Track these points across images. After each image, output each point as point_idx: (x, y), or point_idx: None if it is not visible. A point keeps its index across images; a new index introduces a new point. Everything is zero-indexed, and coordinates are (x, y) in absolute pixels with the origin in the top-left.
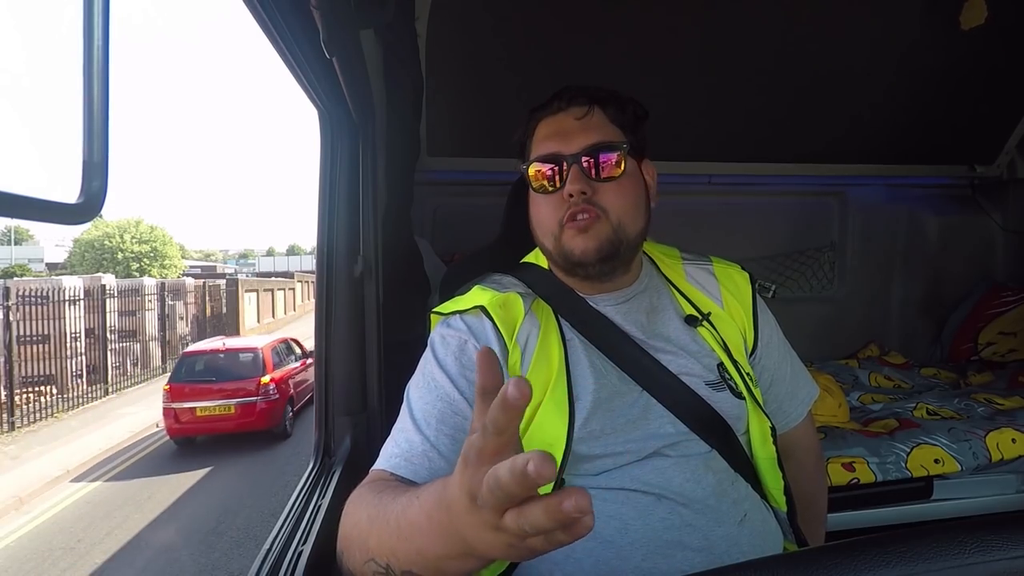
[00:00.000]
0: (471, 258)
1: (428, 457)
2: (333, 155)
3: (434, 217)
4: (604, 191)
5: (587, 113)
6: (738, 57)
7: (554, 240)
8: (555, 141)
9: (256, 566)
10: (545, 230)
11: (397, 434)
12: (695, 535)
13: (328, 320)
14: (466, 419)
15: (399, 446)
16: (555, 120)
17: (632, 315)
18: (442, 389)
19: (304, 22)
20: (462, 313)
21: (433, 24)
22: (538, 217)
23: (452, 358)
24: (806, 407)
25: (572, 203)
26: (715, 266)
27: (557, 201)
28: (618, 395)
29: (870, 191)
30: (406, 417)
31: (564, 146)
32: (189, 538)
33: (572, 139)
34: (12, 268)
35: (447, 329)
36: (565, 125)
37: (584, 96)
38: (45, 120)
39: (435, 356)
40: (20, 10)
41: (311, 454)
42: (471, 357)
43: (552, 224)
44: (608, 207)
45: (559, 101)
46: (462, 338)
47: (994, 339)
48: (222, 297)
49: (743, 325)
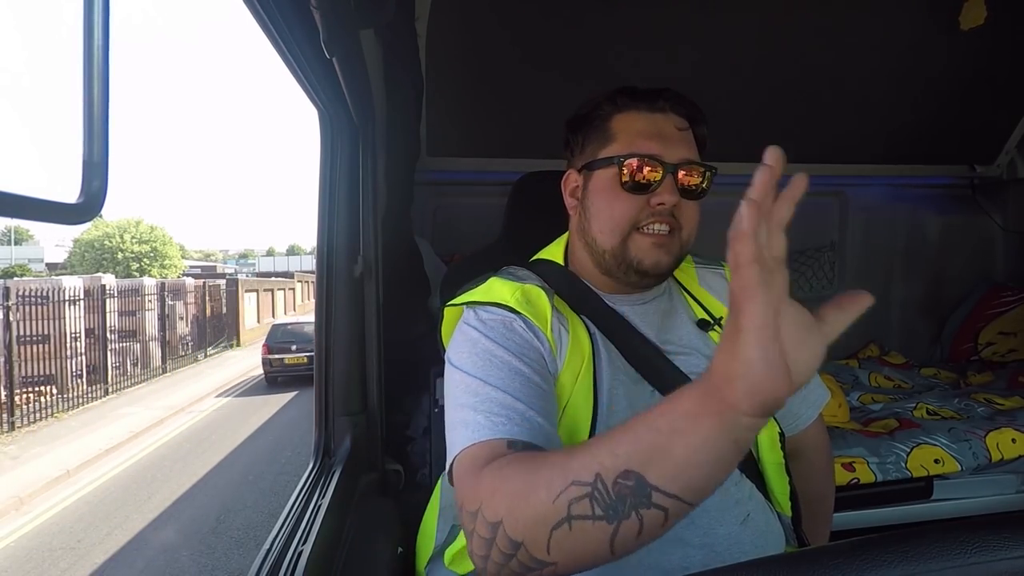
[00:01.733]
0: (471, 258)
1: (526, 418)
2: (333, 155)
3: (434, 217)
4: (686, 207)
5: (688, 126)
6: (738, 57)
7: (619, 241)
8: (657, 143)
9: (256, 566)
10: (612, 227)
11: (469, 407)
12: (696, 532)
13: (328, 320)
14: (539, 387)
15: (487, 415)
16: (655, 119)
17: (648, 317)
18: (497, 356)
19: (304, 22)
20: (487, 305)
21: (433, 24)
22: (610, 212)
23: (500, 329)
24: (817, 410)
25: (659, 211)
26: (727, 271)
27: (638, 203)
28: (632, 392)
29: (870, 191)
30: (469, 388)
31: (666, 151)
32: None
33: (673, 147)
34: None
35: (486, 314)
36: (666, 129)
37: (685, 107)
38: (45, 120)
39: (479, 333)
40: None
41: (311, 454)
42: (516, 330)
43: (624, 224)
44: (684, 224)
45: (663, 100)
46: (507, 316)
47: (994, 339)
48: (222, 297)
49: None
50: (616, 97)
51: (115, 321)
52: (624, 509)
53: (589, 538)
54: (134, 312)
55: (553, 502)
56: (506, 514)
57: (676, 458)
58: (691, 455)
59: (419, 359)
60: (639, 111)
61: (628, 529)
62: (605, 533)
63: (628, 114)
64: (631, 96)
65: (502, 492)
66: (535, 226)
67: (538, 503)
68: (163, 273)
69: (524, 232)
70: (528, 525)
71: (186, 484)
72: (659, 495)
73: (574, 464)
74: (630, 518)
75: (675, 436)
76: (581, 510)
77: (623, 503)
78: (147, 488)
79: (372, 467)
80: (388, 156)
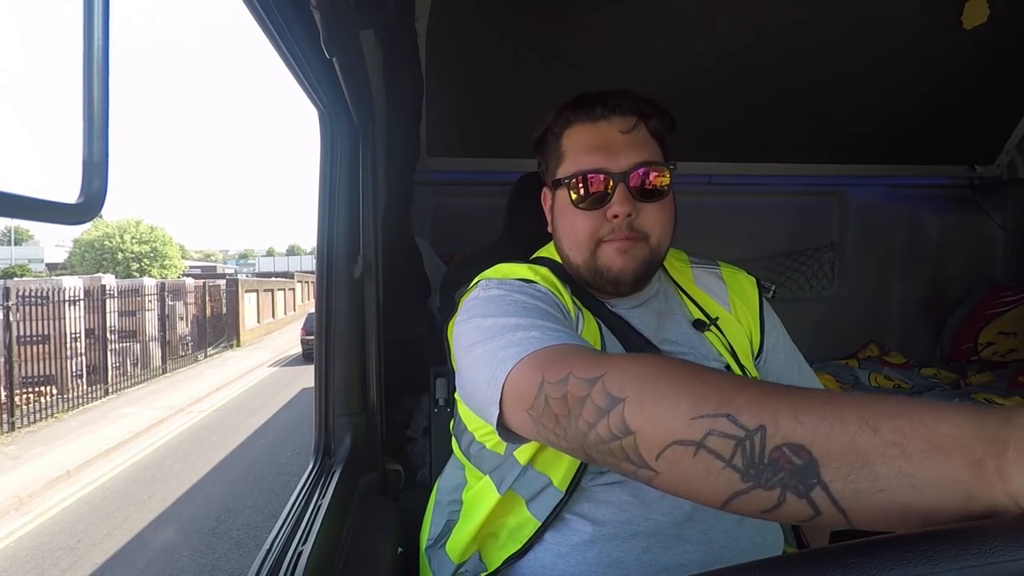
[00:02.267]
0: (471, 258)
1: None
2: (333, 155)
3: (434, 217)
4: (647, 212)
5: (634, 127)
6: (738, 57)
7: (588, 255)
8: (600, 155)
9: (256, 566)
10: (577, 244)
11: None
12: (695, 530)
13: (328, 320)
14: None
15: (554, 330)
16: (596, 129)
17: (644, 318)
18: (513, 308)
19: (304, 22)
20: (503, 279)
21: (433, 24)
22: (572, 230)
23: (526, 295)
24: None
25: (616, 225)
26: (723, 270)
27: (596, 218)
28: None
29: (870, 191)
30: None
31: (610, 162)
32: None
33: (618, 155)
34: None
35: (497, 288)
36: (609, 137)
37: (629, 106)
38: (45, 120)
39: (510, 293)
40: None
41: (311, 454)
42: (546, 294)
43: (587, 240)
44: (649, 230)
45: (601, 107)
46: (521, 284)
47: (994, 339)
48: (222, 297)
49: (749, 329)
50: (563, 112)
51: (115, 321)
52: (769, 478)
53: (709, 477)
54: (134, 312)
55: (692, 420)
56: (633, 396)
57: (877, 474)
58: (897, 481)
59: (419, 359)
60: (582, 123)
61: (760, 498)
62: (730, 485)
63: (574, 128)
64: (574, 108)
65: (635, 373)
66: (535, 226)
67: (675, 409)
68: (163, 273)
69: (524, 232)
70: (652, 422)
71: (186, 484)
72: (822, 495)
73: (740, 399)
74: (770, 489)
75: (890, 449)
76: (719, 447)
77: (772, 472)
78: (147, 488)
79: (372, 467)
80: (388, 156)
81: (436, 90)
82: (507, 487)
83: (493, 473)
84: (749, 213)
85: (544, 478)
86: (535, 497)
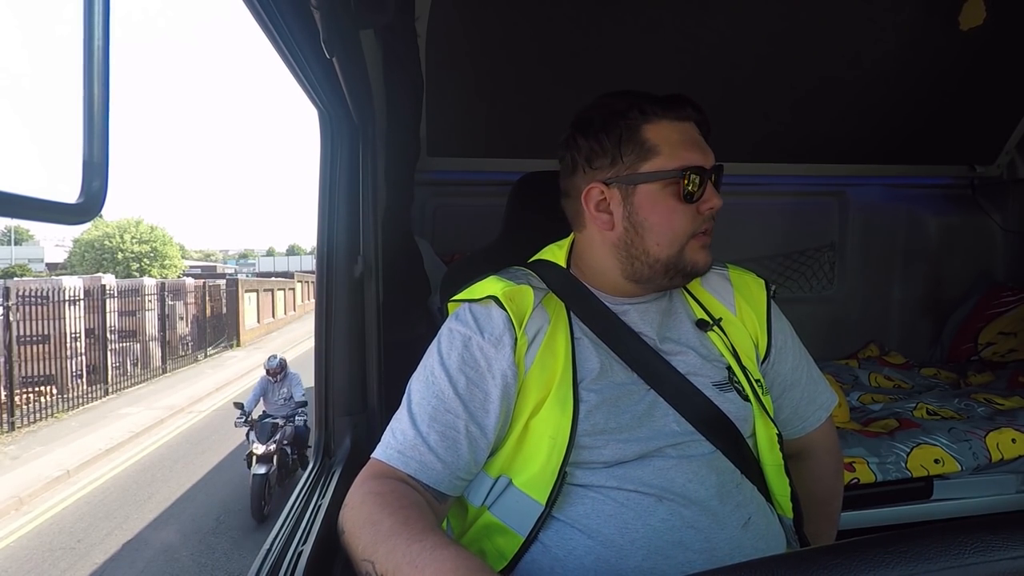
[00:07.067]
0: (471, 258)
1: (419, 451)
2: (333, 155)
3: (434, 217)
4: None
5: (708, 131)
6: (738, 57)
7: (678, 250)
8: (698, 152)
9: (256, 566)
10: (672, 239)
11: (394, 423)
12: (697, 537)
13: (328, 320)
14: (457, 417)
15: (395, 438)
16: (686, 128)
17: (648, 315)
18: (437, 386)
19: (304, 22)
20: (472, 303)
21: (433, 24)
22: (670, 225)
23: (456, 354)
24: (826, 412)
25: (708, 218)
26: (731, 272)
27: (692, 212)
28: (625, 393)
29: (870, 191)
30: (404, 409)
31: (705, 159)
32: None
33: (707, 153)
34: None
35: (455, 323)
36: (696, 136)
37: (700, 112)
38: (45, 120)
39: (439, 351)
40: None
41: (311, 454)
42: (473, 354)
43: (684, 235)
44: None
45: (689, 108)
46: (467, 334)
47: (994, 339)
48: (222, 297)
49: (755, 332)
50: (643, 106)
51: (115, 321)
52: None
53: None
54: (134, 312)
55: (360, 561)
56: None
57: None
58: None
59: (419, 359)
60: (669, 120)
61: None
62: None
63: (659, 124)
64: (660, 105)
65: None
66: (535, 226)
67: (358, 543)
68: (163, 273)
69: (524, 232)
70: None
71: (186, 484)
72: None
73: (381, 548)
74: None
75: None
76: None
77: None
78: (147, 488)
79: None
80: (388, 156)
81: (436, 90)
82: (481, 502)
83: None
84: (749, 213)
85: (526, 497)
86: (512, 512)
